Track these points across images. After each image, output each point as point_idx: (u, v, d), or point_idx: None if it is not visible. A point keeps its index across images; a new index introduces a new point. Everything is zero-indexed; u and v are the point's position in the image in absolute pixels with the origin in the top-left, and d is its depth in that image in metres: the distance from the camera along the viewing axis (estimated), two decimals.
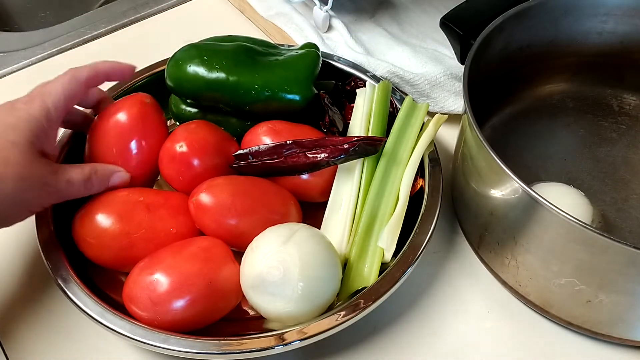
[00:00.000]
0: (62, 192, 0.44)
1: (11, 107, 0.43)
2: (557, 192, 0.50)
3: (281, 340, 0.40)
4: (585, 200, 0.49)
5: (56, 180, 0.43)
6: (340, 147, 0.47)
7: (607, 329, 0.44)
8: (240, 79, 0.50)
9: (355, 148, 0.46)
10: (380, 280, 0.43)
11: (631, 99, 0.60)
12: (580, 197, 0.49)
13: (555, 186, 0.51)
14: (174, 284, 0.41)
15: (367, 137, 0.47)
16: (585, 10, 0.55)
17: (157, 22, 0.75)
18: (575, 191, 0.50)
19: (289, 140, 0.48)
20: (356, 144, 0.46)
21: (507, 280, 0.47)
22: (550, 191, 0.49)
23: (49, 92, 0.44)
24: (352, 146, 0.46)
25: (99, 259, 0.46)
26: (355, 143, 0.46)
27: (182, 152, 0.47)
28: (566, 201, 0.48)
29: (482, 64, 0.49)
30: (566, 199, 0.49)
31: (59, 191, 0.44)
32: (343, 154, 0.47)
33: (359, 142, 0.46)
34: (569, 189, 0.50)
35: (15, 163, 0.40)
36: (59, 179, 0.43)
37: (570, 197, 0.49)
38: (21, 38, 0.73)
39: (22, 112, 0.42)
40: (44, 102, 0.43)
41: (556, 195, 0.47)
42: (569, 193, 0.50)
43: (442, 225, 0.53)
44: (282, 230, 0.43)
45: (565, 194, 0.50)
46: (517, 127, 0.58)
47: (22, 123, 0.42)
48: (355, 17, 0.70)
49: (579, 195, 0.50)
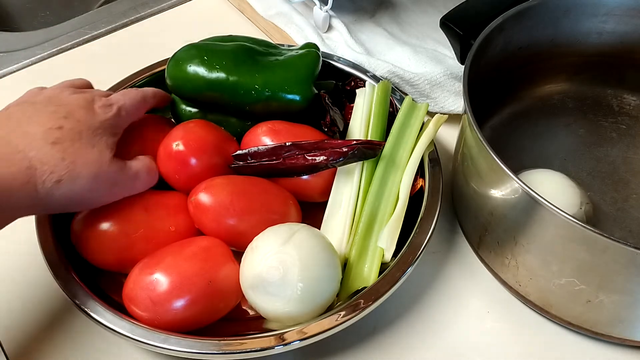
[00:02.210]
0: (126, 189, 0.45)
1: (90, 109, 0.44)
2: (543, 177, 0.50)
3: (281, 340, 0.40)
4: (571, 183, 0.50)
5: (125, 178, 0.44)
6: (339, 150, 0.47)
7: (607, 329, 0.44)
8: (240, 79, 0.50)
9: (354, 151, 0.47)
10: (380, 280, 0.43)
11: (631, 99, 0.60)
12: (567, 181, 0.50)
13: (541, 172, 0.51)
14: (173, 284, 0.41)
15: (367, 140, 0.47)
16: (585, 10, 0.55)
17: (157, 22, 0.75)
18: (562, 175, 0.50)
19: (287, 142, 0.48)
20: (355, 147, 0.46)
21: (507, 280, 0.47)
22: (537, 177, 0.50)
23: (124, 104, 0.46)
24: (351, 149, 0.46)
25: (99, 261, 0.46)
26: (355, 147, 0.46)
27: (178, 151, 0.47)
28: (553, 185, 0.49)
29: (482, 64, 0.49)
30: (553, 183, 0.49)
31: (124, 189, 0.45)
32: (342, 157, 0.47)
33: (358, 145, 0.46)
34: (555, 174, 0.50)
35: (92, 162, 0.42)
36: (127, 175, 0.45)
37: (558, 181, 0.50)
38: (21, 38, 0.73)
39: (101, 116, 0.44)
40: (119, 110, 0.45)
41: (543, 181, 0.49)
42: (555, 177, 0.50)
43: (442, 225, 0.53)
44: (281, 231, 0.43)
45: (552, 178, 0.50)
46: (517, 127, 0.58)
47: (102, 127, 0.44)
48: (355, 17, 0.70)
49: (566, 179, 0.50)
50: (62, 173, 0.40)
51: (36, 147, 0.40)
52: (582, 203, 0.48)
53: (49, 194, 0.40)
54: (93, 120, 0.43)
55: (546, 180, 0.49)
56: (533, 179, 0.49)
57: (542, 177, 0.50)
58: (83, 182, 0.41)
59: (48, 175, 0.40)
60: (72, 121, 0.42)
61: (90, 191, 0.42)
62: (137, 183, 0.46)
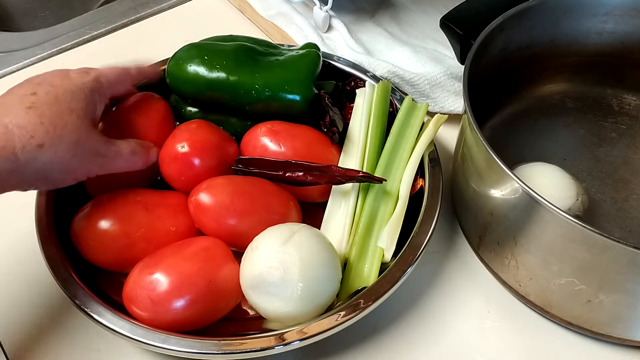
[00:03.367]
0: (109, 162, 0.44)
1: (66, 75, 0.43)
2: (540, 170, 0.50)
3: (281, 340, 0.40)
4: (567, 175, 0.50)
5: (107, 150, 0.44)
6: (340, 179, 0.47)
7: (607, 329, 0.44)
8: (240, 78, 0.50)
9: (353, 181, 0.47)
10: (380, 280, 0.43)
11: (631, 99, 0.60)
12: (563, 173, 0.50)
13: (537, 165, 0.51)
14: (173, 284, 0.41)
15: (370, 176, 0.47)
16: (585, 10, 0.55)
17: (157, 22, 0.75)
18: (557, 168, 0.50)
19: (293, 160, 0.48)
20: (357, 179, 0.47)
21: (507, 280, 0.47)
22: (534, 170, 0.50)
23: (102, 71, 0.45)
24: (351, 180, 0.47)
25: (100, 261, 0.46)
26: (356, 178, 0.47)
27: (184, 152, 0.47)
28: (550, 178, 0.49)
29: (482, 64, 0.49)
30: (550, 176, 0.50)
31: (107, 162, 0.44)
32: (342, 184, 0.47)
33: (360, 177, 0.46)
34: (550, 167, 0.51)
35: (73, 128, 0.41)
36: (110, 150, 0.44)
37: (554, 174, 0.50)
38: (21, 38, 0.73)
39: (77, 81, 0.43)
40: (98, 77, 0.44)
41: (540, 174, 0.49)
42: (551, 170, 0.50)
43: (442, 225, 0.53)
44: (282, 231, 0.43)
45: (548, 171, 0.50)
46: (517, 127, 0.58)
47: (80, 91, 0.42)
48: (355, 17, 0.70)
49: (561, 172, 0.50)
50: (42, 137, 0.39)
51: (12, 113, 0.39)
52: (578, 194, 0.49)
53: (32, 159, 0.39)
54: (69, 84, 0.42)
55: (542, 173, 0.50)
56: (530, 172, 0.49)
57: (538, 170, 0.50)
58: (65, 146, 0.40)
59: (28, 140, 0.39)
60: (46, 86, 0.41)
61: (75, 156, 0.41)
62: (120, 161, 0.45)
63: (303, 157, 0.48)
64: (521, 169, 0.50)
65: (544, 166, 0.51)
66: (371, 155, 0.50)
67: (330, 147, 0.52)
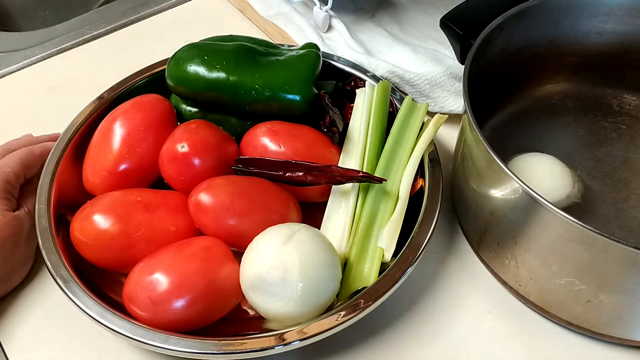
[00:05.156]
0: None
1: None
2: (534, 160, 0.51)
3: (281, 340, 0.40)
4: (561, 164, 0.50)
5: None
6: (340, 179, 0.47)
7: (607, 329, 0.44)
8: (240, 78, 0.50)
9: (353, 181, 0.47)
10: (380, 280, 0.43)
11: (631, 99, 0.60)
12: (557, 161, 0.50)
13: (532, 155, 0.51)
14: (173, 284, 0.41)
15: (370, 176, 0.47)
16: (585, 10, 0.55)
17: (157, 22, 0.75)
18: (551, 157, 0.51)
19: (293, 160, 0.48)
20: (357, 179, 0.47)
21: (507, 280, 0.47)
22: (529, 160, 0.50)
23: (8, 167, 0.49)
24: (350, 180, 0.47)
25: (99, 261, 0.46)
26: (357, 178, 0.47)
27: (184, 153, 0.47)
28: (546, 167, 0.50)
29: (482, 64, 0.49)
30: (545, 165, 0.50)
31: None
32: (341, 183, 0.47)
33: (360, 177, 0.47)
34: (545, 156, 0.51)
35: None
36: None
37: (549, 163, 0.50)
38: (21, 38, 0.73)
39: None
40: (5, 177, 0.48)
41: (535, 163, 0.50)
42: (545, 159, 0.51)
43: (442, 225, 0.53)
44: (282, 231, 0.43)
45: (543, 160, 0.51)
46: (517, 127, 0.58)
47: None
48: (355, 17, 0.70)
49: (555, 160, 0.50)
50: None
51: None
52: (574, 181, 0.49)
53: None
54: None
55: (538, 163, 0.50)
56: (525, 162, 0.50)
57: (534, 160, 0.51)
58: None
59: None
60: None
61: None
62: None
63: (303, 157, 0.48)
64: (517, 159, 0.51)
65: (539, 156, 0.51)
66: (371, 155, 0.50)
67: (330, 147, 0.52)
